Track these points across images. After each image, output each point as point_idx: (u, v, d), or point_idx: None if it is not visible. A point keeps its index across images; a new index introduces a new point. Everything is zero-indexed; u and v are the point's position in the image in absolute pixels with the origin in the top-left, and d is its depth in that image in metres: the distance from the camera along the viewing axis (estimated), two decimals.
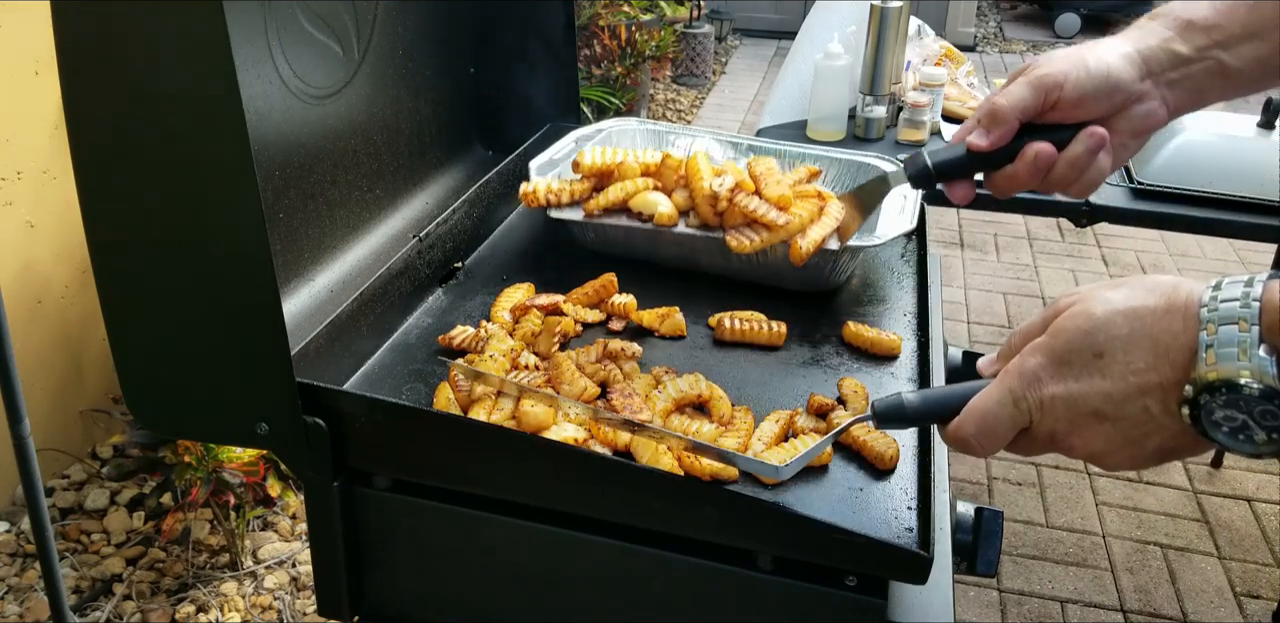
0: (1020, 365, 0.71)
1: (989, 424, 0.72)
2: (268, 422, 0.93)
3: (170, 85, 0.80)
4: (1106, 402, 0.66)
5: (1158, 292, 0.66)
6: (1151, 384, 0.64)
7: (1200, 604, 2.35)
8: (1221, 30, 0.86)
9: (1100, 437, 0.68)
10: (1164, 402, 0.64)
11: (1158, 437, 0.66)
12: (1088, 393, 0.67)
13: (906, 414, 0.80)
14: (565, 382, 1.03)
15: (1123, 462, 0.69)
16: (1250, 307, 0.60)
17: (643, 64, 4.80)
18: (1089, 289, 0.70)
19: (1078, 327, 0.68)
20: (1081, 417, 0.68)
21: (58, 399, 2.49)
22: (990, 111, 0.90)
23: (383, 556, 1.02)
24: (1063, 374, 0.68)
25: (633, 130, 1.58)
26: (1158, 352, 0.64)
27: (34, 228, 2.35)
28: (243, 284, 0.87)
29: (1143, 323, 0.65)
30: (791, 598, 0.88)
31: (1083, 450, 0.70)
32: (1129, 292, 0.67)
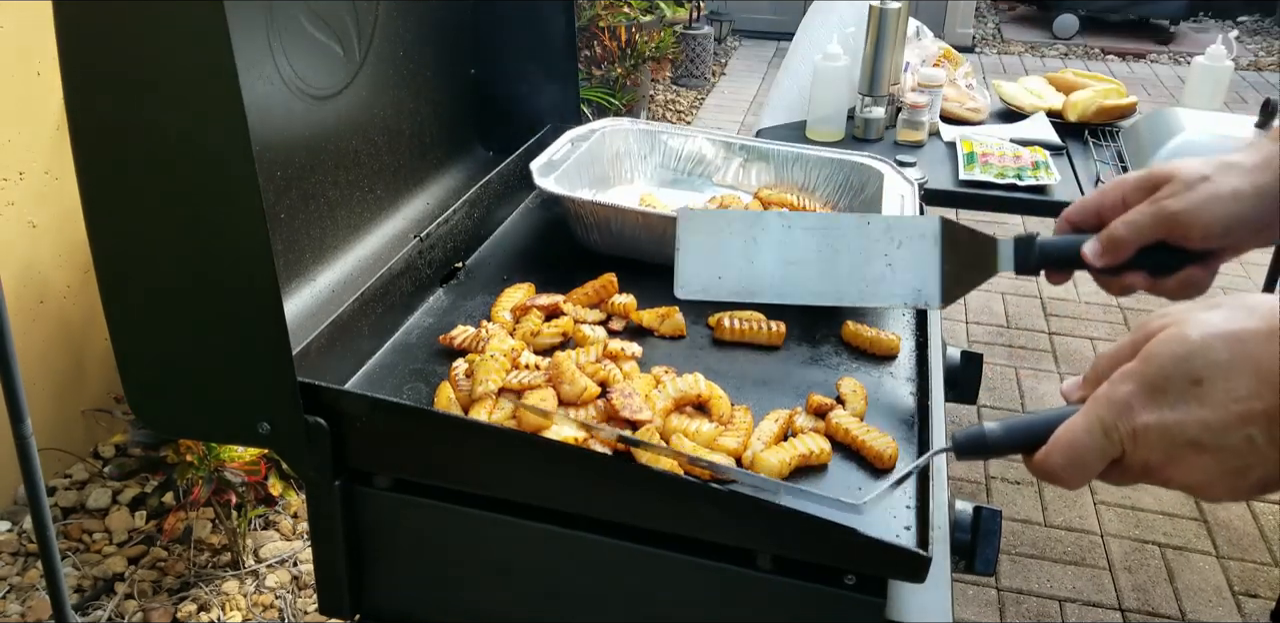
0: (1110, 393, 0.67)
1: (1078, 455, 0.68)
2: (269, 421, 0.93)
3: (172, 86, 0.80)
4: (1205, 431, 0.62)
5: (1259, 313, 0.62)
6: (1255, 412, 0.60)
7: (1198, 603, 2.36)
8: None
9: (1199, 469, 0.64)
10: (1269, 430, 0.60)
11: (1261, 468, 0.62)
12: (1185, 422, 0.63)
13: (988, 445, 0.76)
14: (566, 381, 1.03)
15: (1222, 494, 0.65)
16: None
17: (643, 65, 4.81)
18: (1182, 310, 0.66)
19: (1173, 352, 0.64)
20: (1178, 448, 0.64)
21: (60, 399, 2.49)
22: (1110, 237, 0.89)
23: (383, 555, 1.02)
24: (1157, 402, 0.64)
25: (626, 130, 1.59)
26: (1262, 377, 0.60)
27: (36, 228, 2.35)
28: (244, 284, 0.87)
29: (1245, 347, 0.61)
30: (790, 597, 0.88)
31: (1179, 483, 0.66)
32: (1228, 313, 0.63)
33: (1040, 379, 3.24)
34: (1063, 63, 6.74)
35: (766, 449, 0.98)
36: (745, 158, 1.59)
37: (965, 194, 2.14)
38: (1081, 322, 3.61)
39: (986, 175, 2.17)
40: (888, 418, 1.09)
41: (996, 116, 2.61)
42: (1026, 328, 3.56)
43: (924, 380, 1.14)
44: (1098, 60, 6.85)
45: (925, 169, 2.13)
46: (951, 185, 2.15)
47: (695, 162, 1.61)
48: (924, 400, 1.09)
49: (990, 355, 3.35)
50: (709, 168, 1.61)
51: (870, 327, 1.23)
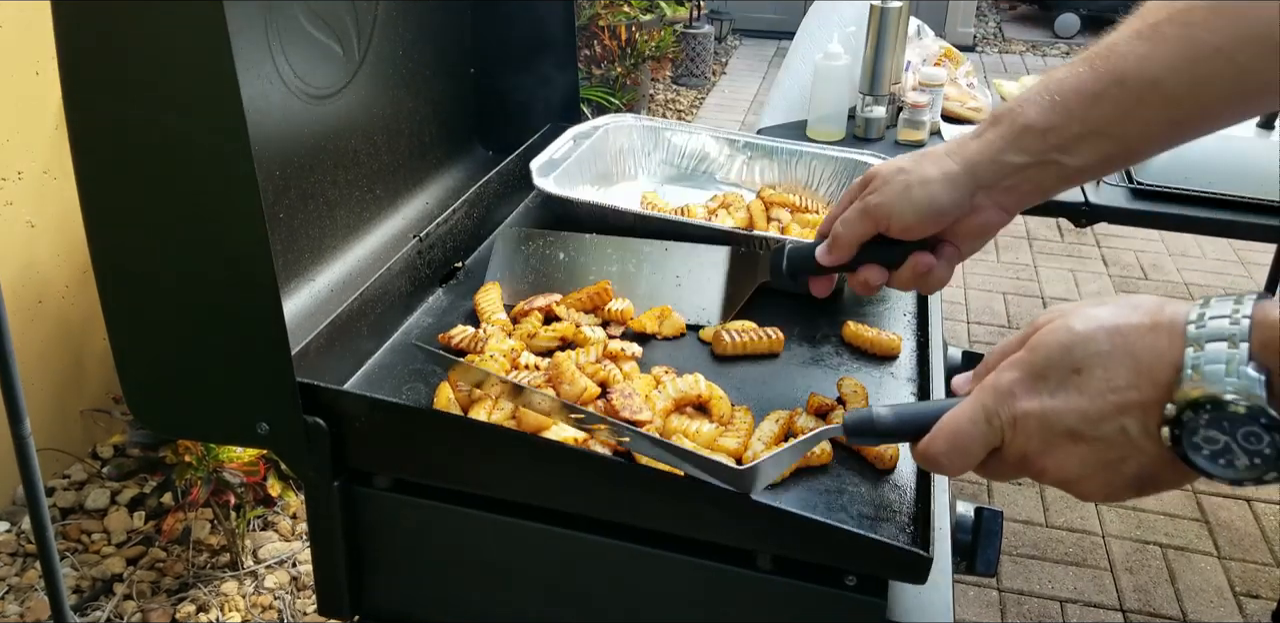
0: (995, 381, 0.69)
1: (960, 441, 0.70)
2: (268, 421, 0.93)
3: (171, 85, 0.80)
4: (1082, 420, 0.64)
5: (1142, 309, 0.64)
6: (1131, 402, 0.62)
7: (1200, 604, 2.35)
8: (1058, 133, 0.84)
9: (1074, 459, 0.65)
10: (1143, 422, 0.62)
11: (1135, 461, 0.63)
12: (1063, 410, 0.64)
13: (876, 429, 0.79)
14: (566, 382, 1.03)
15: (1096, 489, 0.66)
16: (1240, 324, 0.58)
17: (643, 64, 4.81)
18: (1072, 305, 0.68)
19: (1057, 341, 0.65)
20: (1055, 436, 0.65)
21: (58, 399, 2.49)
22: (832, 236, 0.99)
23: (383, 555, 1.02)
24: (1038, 390, 0.65)
25: (629, 127, 1.58)
26: (1139, 369, 0.61)
27: (35, 228, 2.35)
28: (243, 284, 0.87)
29: (1125, 339, 0.62)
30: (791, 598, 0.88)
31: (1055, 474, 0.67)
32: (1113, 309, 0.65)
33: None
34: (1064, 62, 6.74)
35: (767, 450, 0.98)
36: (749, 155, 1.59)
37: None
38: None
39: None
40: None
41: None
42: None
43: (925, 381, 1.14)
44: None
45: None
46: None
47: (699, 159, 1.61)
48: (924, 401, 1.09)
49: None
50: (713, 165, 1.61)
51: (871, 327, 1.22)
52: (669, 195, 1.54)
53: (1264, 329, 0.57)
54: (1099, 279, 3.93)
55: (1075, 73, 0.84)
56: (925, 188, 0.89)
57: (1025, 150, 0.86)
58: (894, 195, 0.91)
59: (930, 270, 0.94)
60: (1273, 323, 0.57)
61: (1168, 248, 4.20)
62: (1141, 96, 0.81)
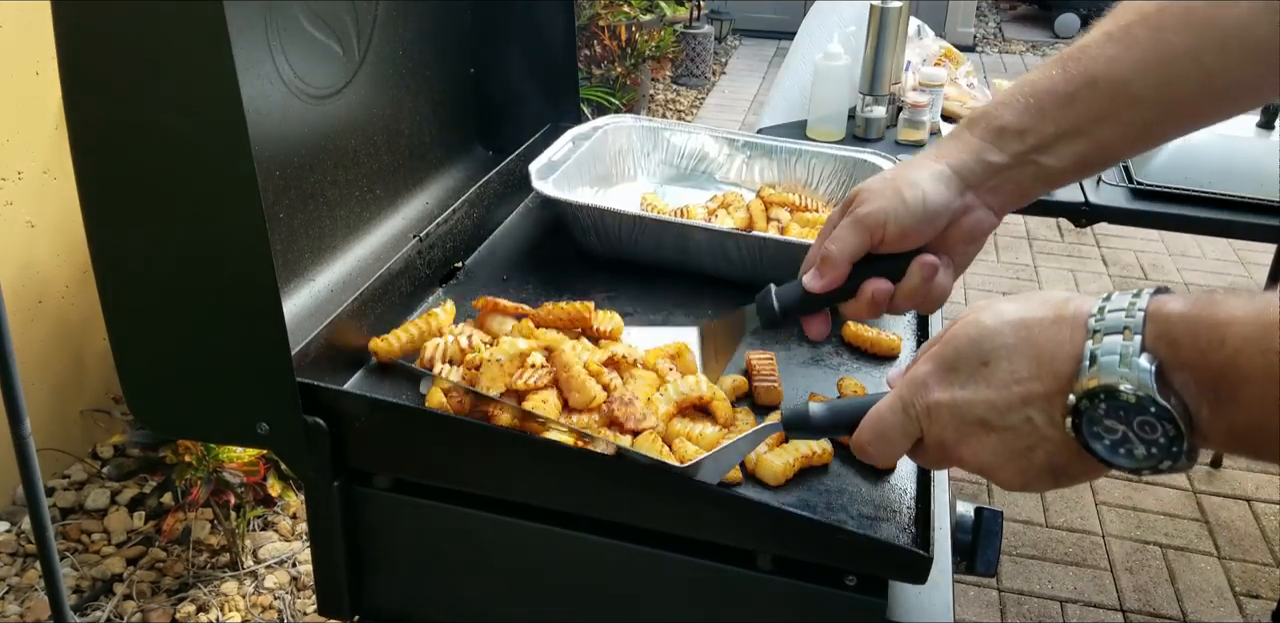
0: (912, 374, 0.72)
1: (882, 431, 0.74)
2: (268, 422, 0.93)
3: (170, 85, 0.80)
4: (990, 411, 0.66)
5: (1049, 304, 0.66)
6: (1035, 394, 0.64)
7: (1200, 604, 2.35)
8: (1035, 134, 0.85)
9: (987, 448, 0.68)
10: (1047, 412, 0.64)
11: (1042, 450, 0.65)
12: (972, 401, 0.67)
13: (811, 424, 0.82)
14: (575, 389, 1.01)
15: (1013, 477, 0.68)
16: (1134, 316, 0.60)
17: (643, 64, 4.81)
18: (988, 302, 0.70)
19: (967, 334, 0.68)
20: (967, 425, 0.68)
21: (58, 399, 2.49)
22: (822, 257, 0.92)
23: (383, 555, 1.02)
24: (949, 381, 0.68)
25: (628, 127, 1.58)
26: (1041, 361, 0.64)
27: (34, 228, 2.35)
28: (243, 284, 0.87)
29: (1030, 332, 0.65)
30: (791, 598, 0.88)
31: (972, 462, 0.69)
32: (1022, 304, 0.67)
33: None
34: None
35: (770, 452, 0.98)
36: (749, 155, 1.59)
37: None
38: None
39: None
40: None
41: None
42: None
43: None
44: None
45: None
46: None
47: (698, 159, 1.61)
48: None
49: None
50: (712, 165, 1.61)
51: (871, 327, 1.22)
52: (669, 196, 1.54)
53: (1157, 322, 0.59)
54: (1099, 279, 3.93)
55: (1048, 75, 0.85)
56: (916, 189, 0.88)
57: (1004, 150, 0.86)
58: (885, 202, 0.89)
59: (936, 274, 0.91)
60: (1165, 315, 0.59)
61: (1168, 248, 4.20)
62: (1113, 98, 0.81)
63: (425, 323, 1.12)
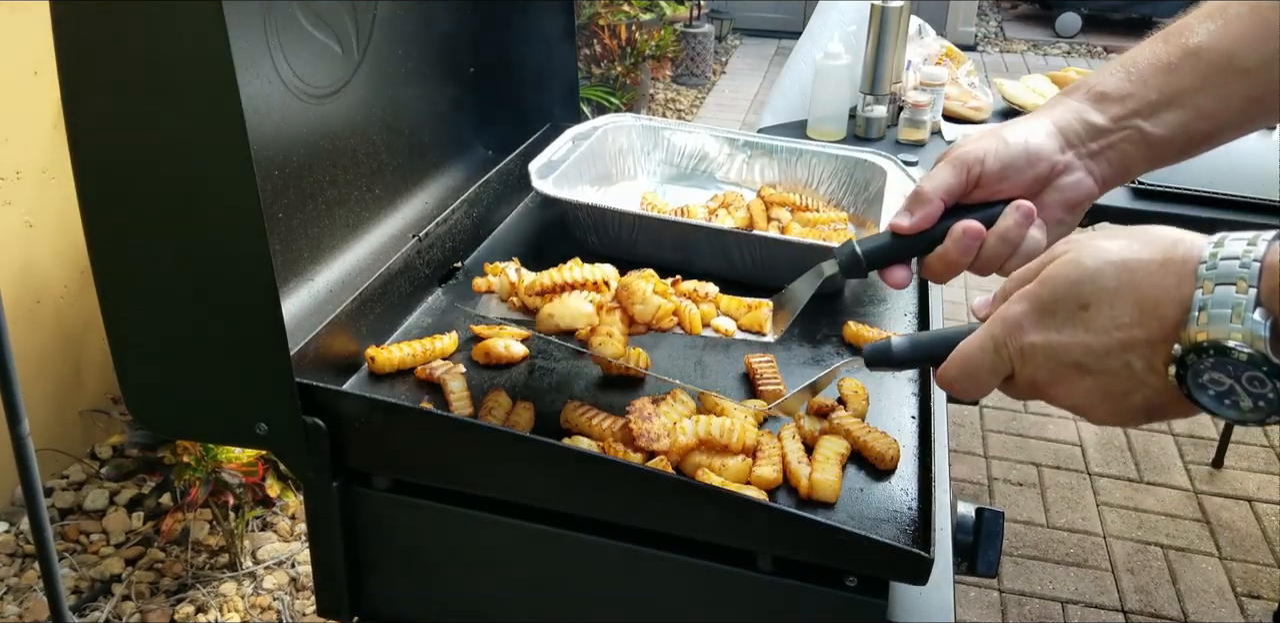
0: (1005, 313, 0.70)
1: (971, 369, 0.72)
2: (267, 422, 0.93)
3: (170, 84, 0.80)
4: (1088, 355, 0.65)
5: (1156, 245, 0.63)
6: (1136, 340, 0.62)
7: (1201, 605, 2.35)
8: (1136, 99, 0.84)
9: (1080, 390, 0.67)
10: (1148, 359, 0.62)
11: (1140, 394, 0.64)
12: (1069, 345, 0.65)
13: (894, 358, 0.81)
14: (638, 302, 0.96)
15: (1106, 416, 0.67)
16: (1250, 267, 0.57)
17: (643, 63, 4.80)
18: (1086, 237, 0.68)
19: (1066, 276, 0.66)
20: (1062, 368, 0.66)
21: (57, 399, 2.49)
22: (913, 194, 0.88)
23: (382, 556, 1.02)
24: (1045, 324, 0.67)
25: (629, 127, 1.58)
26: (1145, 307, 0.62)
27: (33, 228, 2.35)
28: (242, 284, 0.87)
29: (1133, 276, 0.63)
30: (791, 598, 0.88)
31: (1065, 402, 0.69)
32: (1126, 243, 0.65)
33: None
34: (1065, 61, 6.74)
35: (818, 472, 0.95)
36: (749, 154, 1.59)
37: None
38: None
39: None
40: (890, 419, 1.08)
41: (999, 115, 2.60)
42: None
43: (925, 381, 1.13)
44: (1100, 58, 6.85)
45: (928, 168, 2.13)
46: None
47: (699, 158, 1.60)
48: (925, 401, 1.09)
49: None
50: (712, 164, 1.61)
51: (871, 327, 1.22)
52: (669, 195, 1.54)
53: (1273, 275, 0.56)
54: None
55: (1149, 47, 0.86)
56: (1018, 134, 0.86)
57: (1105, 113, 0.86)
58: (984, 142, 0.86)
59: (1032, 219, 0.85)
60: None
61: None
62: (1217, 68, 0.82)
63: (428, 345, 1.12)
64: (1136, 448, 2.91)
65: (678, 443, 0.97)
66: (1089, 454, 2.88)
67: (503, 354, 1.14)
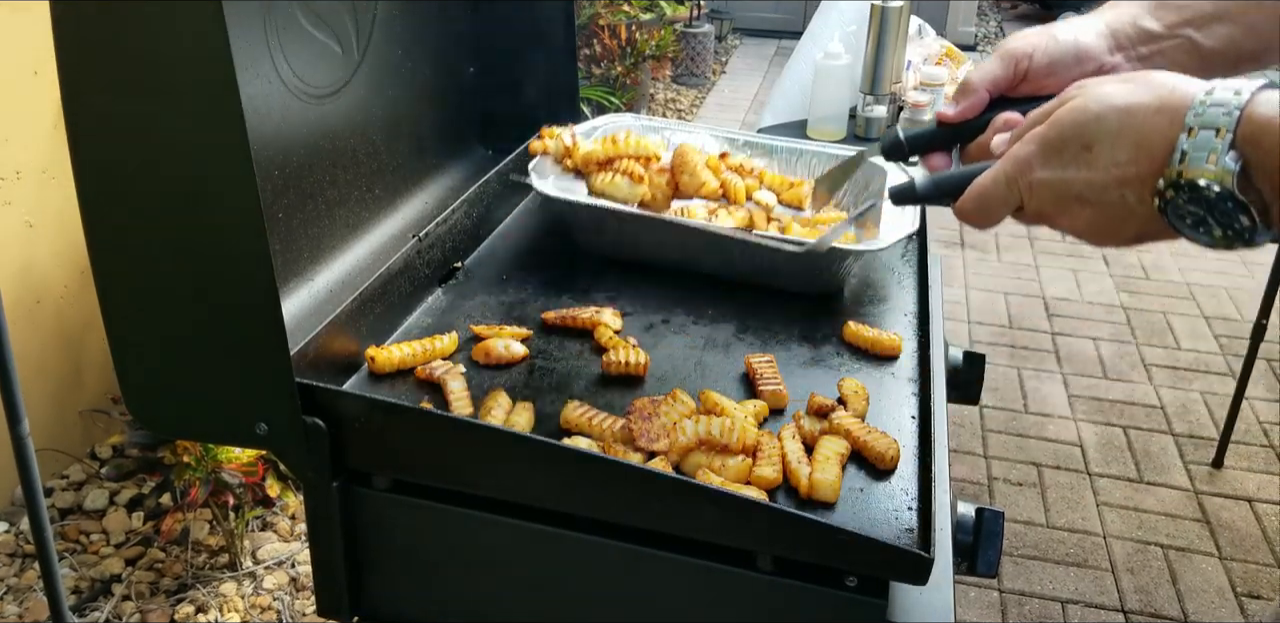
0: (1017, 152, 0.77)
1: (985, 202, 0.80)
2: (267, 422, 0.93)
3: (170, 85, 0.80)
4: (1089, 188, 0.72)
5: (1155, 91, 0.70)
6: (1130, 176, 0.70)
7: (1201, 605, 2.35)
8: (1192, 8, 0.88)
9: (1082, 219, 0.75)
10: (1140, 193, 0.70)
11: (1133, 223, 0.72)
12: (1072, 180, 0.73)
13: (917, 194, 0.88)
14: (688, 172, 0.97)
15: (1104, 241, 0.76)
16: (1231, 115, 0.64)
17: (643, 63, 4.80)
18: (1095, 82, 0.74)
19: (1073, 120, 0.73)
20: (1067, 200, 0.74)
21: (57, 400, 2.49)
22: (961, 85, 0.94)
23: (382, 556, 1.02)
24: (1052, 163, 0.74)
25: (629, 126, 1.58)
26: (1140, 147, 0.69)
27: (33, 228, 2.34)
28: (242, 284, 0.87)
29: (1133, 120, 0.69)
30: (791, 598, 0.88)
31: (1068, 229, 0.77)
32: (1130, 88, 0.71)
33: (1043, 380, 3.24)
34: None
35: (818, 471, 0.95)
36: (749, 154, 1.59)
37: None
38: (1084, 322, 3.61)
39: None
40: (890, 419, 1.08)
41: None
42: (1029, 328, 3.56)
43: (926, 381, 1.13)
44: None
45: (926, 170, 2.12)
46: None
47: None
48: (926, 401, 1.09)
49: (992, 356, 3.34)
50: None
51: (871, 327, 1.22)
52: None
53: (1250, 123, 0.64)
54: (1100, 279, 3.92)
55: None
56: (1068, 31, 0.90)
57: (1160, 20, 0.89)
58: (1035, 38, 0.90)
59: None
60: (1258, 119, 0.64)
61: (1169, 247, 4.19)
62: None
63: (428, 345, 1.12)
64: (1136, 448, 2.91)
65: (678, 443, 0.97)
66: (1089, 454, 2.88)
67: (503, 354, 1.14)
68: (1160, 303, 3.75)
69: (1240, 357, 2.83)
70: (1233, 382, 2.88)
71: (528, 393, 1.10)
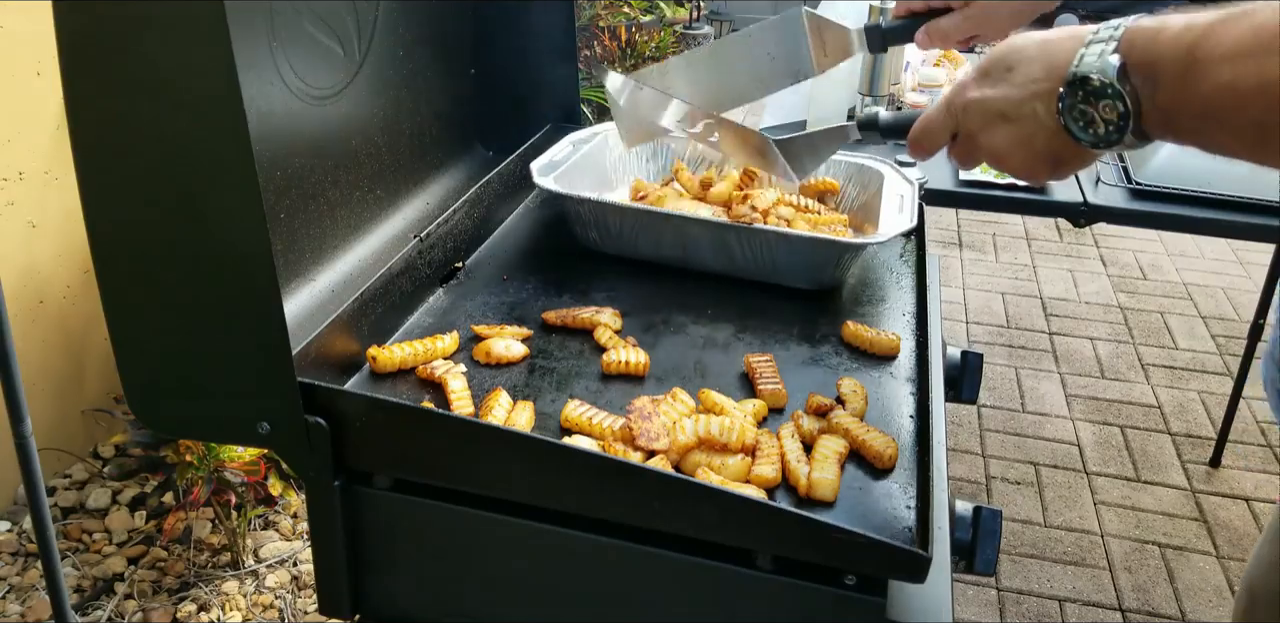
0: (957, 79, 0.94)
1: (928, 126, 0.91)
2: (269, 421, 0.93)
3: (172, 86, 0.80)
4: (1008, 104, 0.82)
5: (1071, 31, 0.80)
6: (1042, 91, 0.79)
7: (1198, 603, 2.36)
8: None
9: (1001, 136, 0.83)
10: (1047, 104, 0.79)
11: (1042, 136, 0.80)
12: (996, 97, 0.83)
13: (879, 126, 1.02)
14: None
15: (1021, 164, 0.84)
16: (1118, 29, 0.75)
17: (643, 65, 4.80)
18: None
19: (1002, 48, 0.84)
20: (991, 116, 0.83)
21: (59, 399, 2.49)
22: None
23: (383, 555, 1.02)
24: (981, 83, 0.84)
25: None
26: (1050, 65, 0.79)
27: (36, 228, 2.35)
28: (244, 284, 0.87)
29: (1048, 46, 0.81)
30: (790, 597, 0.88)
31: (989, 149, 0.85)
32: (1054, 31, 0.82)
33: (1040, 379, 3.24)
34: None
35: (817, 471, 0.96)
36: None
37: (965, 194, 2.14)
38: (1081, 322, 3.61)
39: (986, 175, 2.17)
40: (888, 418, 1.09)
41: None
42: (1026, 328, 3.56)
43: (924, 381, 1.14)
44: None
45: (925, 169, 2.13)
46: (951, 185, 2.15)
47: (698, 163, 1.61)
48: (924, 400, 1.09)
49: (990, 355, 3.35)
50: (711, 167, 1.61)
51: (870, 327, 1.23)
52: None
53: (1129, 32, 0.75)
54: (1098, 279, 3.93)
55: None
56: None
57: None
58: None
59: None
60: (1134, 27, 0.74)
61: (1166, 248, 4.20)
62: None
63: (429, 345, 1.13)
64: (1134, 447, 2.91)
65: (677, 442, 0.98)
66: (1086, 453, 2.88)
67: (503, 354, 1.15)
68: (1157, 303, 3.76)
69: (1237, 356, 2.84)
70: (1230, 381, 2.89)
71: (528, 392, 1.11)
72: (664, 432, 0.98)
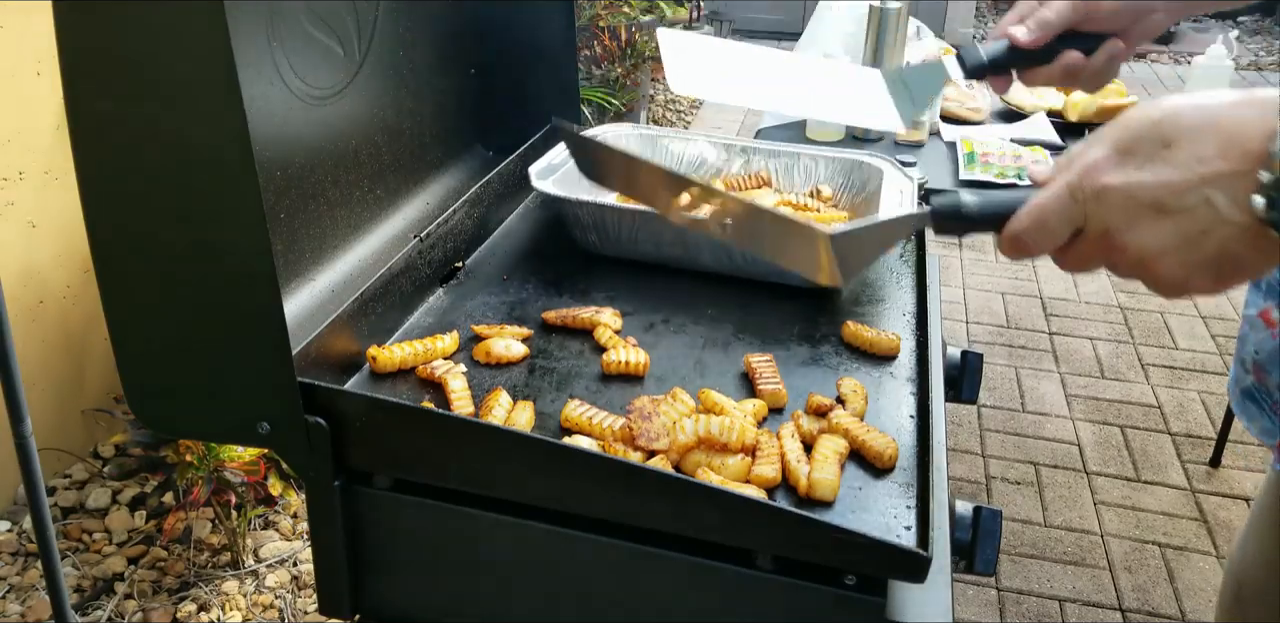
0: (1081, 157, 0.68)
1: (1044, 217, 0.70)
2: (269, 421, 0.93)
3: (172, 86, 0.80)
4: (1167, 192, 0.63)
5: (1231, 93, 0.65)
6: (1220, 173, 0.62)
7: (1198, 603, 2.36)
8: None
9: (1156, 233, 0.65)
10: (1231, 192, 0.61)
11: (1218, 234, 0.63)
12: (1149, 183, 0.64)
13: (963, 214, 0.76)
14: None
15: (1174, 269, 0.65)
16: None
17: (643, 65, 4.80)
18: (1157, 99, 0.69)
19: (1146, 116, 0.65)
20: (1140, 208, 0.65)
21: (59, 399, 2.49)
22: (1039, 19, 1.00)
23: (383, 555, 1.02)
24: (1125, 164, 0.66)
25: (626, 136, 1.59)
26: (1229, 139, 0.61)
27: (36, 228, 2.35)
28: (244, 284, 0.87)
29: (1213, 113, 0.63)
30: (790, 597, 0.88)
31: (1135, 251, 0.66)
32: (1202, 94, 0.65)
33: (1040, 379, 3.24)
34: None
35: (817, 471, 0.96)
36: (747, 159, 1.59)
37: None
38: (1081, 322, 3.61)
39: (987, 175, 2.17)
40: (888, 418, 1.09)
41: (997, 116, 2.61)
42: (1027, 328, 3.56)
43: (924, 381, 1.14)
44: None
45: (925, 169, 2.13)
46: (951, 185, 2.15)
47: (697, 165, 1.61)
48: (924, 400, 1.09)
49: (990, 355, 3.35)
50: (711, 170, 1.61)
51: (870, 327, 1.23)
52: None
53: None
54: (1098, 279, 3.93)
55: None
56: None
57: None
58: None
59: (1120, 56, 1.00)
60: None
61: None
62: None
63: (429, 344, 1.13)
64: (1134, 447, 2.91)
65: (677, 442, 0.98)
66: (1086, 453, 2.88)
67: (503, 354, 1.15)
68: (1157, 303, 3.76)
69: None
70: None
71: (528, 392, 1.11)
72: (664, 432, 0.98)
